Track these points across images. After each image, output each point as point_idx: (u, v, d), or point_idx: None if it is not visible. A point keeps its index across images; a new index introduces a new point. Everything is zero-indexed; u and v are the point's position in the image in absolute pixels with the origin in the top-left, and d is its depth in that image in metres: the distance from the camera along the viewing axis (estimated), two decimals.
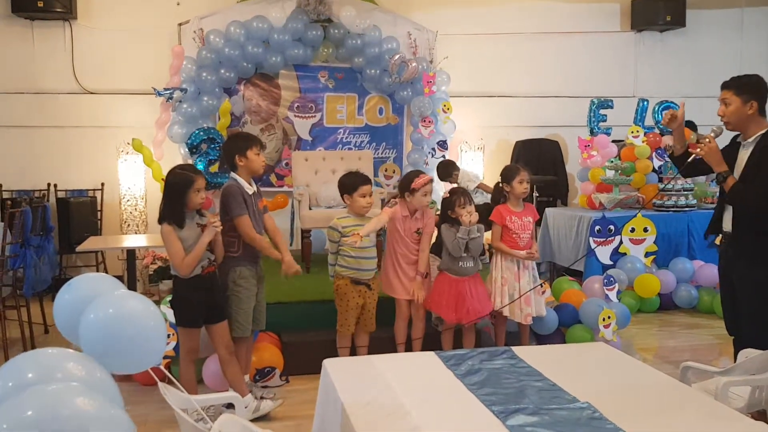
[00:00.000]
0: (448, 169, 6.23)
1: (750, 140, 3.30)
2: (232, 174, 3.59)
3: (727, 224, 3.41)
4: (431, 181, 4.12)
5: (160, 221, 3.31)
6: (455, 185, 5.69)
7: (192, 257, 3.28)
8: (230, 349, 3.47)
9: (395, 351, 4.13)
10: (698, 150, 3.29)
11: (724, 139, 3.42)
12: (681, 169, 3.53)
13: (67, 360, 1.53)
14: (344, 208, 4.32)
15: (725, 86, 3.34)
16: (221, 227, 3.37)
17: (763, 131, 3.27)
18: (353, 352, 4.09)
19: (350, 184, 3.97)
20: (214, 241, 3.38)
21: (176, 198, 3.28)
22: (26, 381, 1.44)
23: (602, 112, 6.75)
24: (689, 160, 3.40)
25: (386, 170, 7.18)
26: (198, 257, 3.30)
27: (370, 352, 4.00)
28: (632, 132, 6.65)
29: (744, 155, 3.33)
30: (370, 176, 6.18)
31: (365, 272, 3.99)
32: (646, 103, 6.89)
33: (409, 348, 4.19)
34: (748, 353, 2.92)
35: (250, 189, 3.60)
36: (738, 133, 3.42)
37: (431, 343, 4.10)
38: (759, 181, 3.20)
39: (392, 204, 4.13)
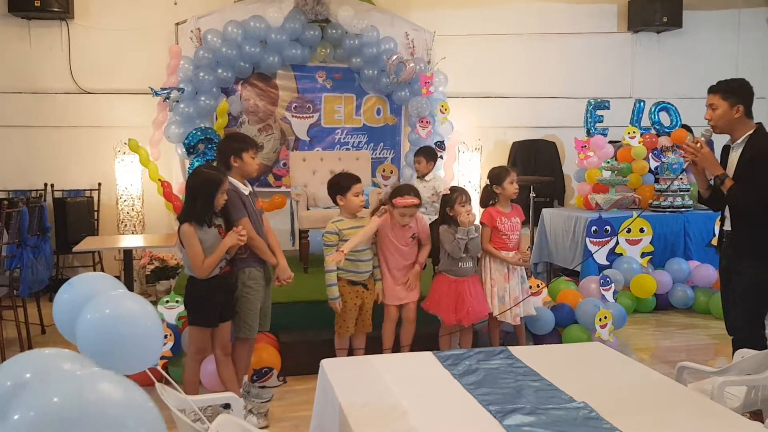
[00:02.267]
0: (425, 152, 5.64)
1: (738, 142, 3.36)
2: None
3: (727, 223, 3.45)
4: (416, 205, 3.97)
5: (182, 220, 3.29)
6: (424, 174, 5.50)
7: (211, 260, 3.28)
8: (227, 350, 3.47)
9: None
10: (691, 156, 3.34)
11: (717, 144, 3.45)
12: (711, 204, 3.55)
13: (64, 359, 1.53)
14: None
15: (712, 90, 3.40)
16: (245, 240, 3.38)
17: (750, 132, 3.32)
18: (350, 353, 4.09)
19: (344, 184, 3.94)
20: None
21: (205, 198, 3.27)
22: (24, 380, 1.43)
23: (599, 112, 6.76)
24: (684, 166, 3.44)
25: (384, 171, 7.19)
26: (218, 261, 3.31)
27: (366, 353, 4.00)
28: (629, 133, 6.67)
29: (734, 157, 3.38)
30: (368, 177, 6.23)
31: (362, 274, 4.00)
32: (642, 103, 6.90)
33: (397, 351, 4.16)
34: (744, 353, 2.93)
35: (246, 189, 3.58)
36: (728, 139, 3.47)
37: (429, 343, 4.10)
38: (754, 181, 3.24)
39: (381, 213, 4.04)
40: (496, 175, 4.30)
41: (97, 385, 1.28)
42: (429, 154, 5.57)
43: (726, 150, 3.49)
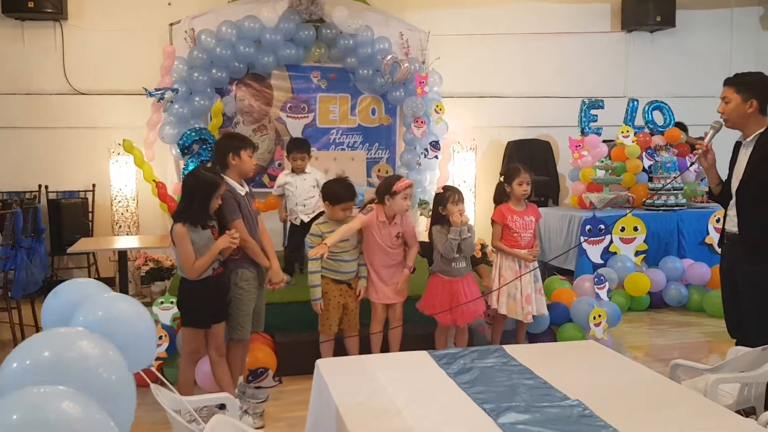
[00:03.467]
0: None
1: (749, 139, 3.27)
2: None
3: (731, 225, 3.36)
4: (412, 185, 4.05)
5: (176, 220, 3.30)
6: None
7: (202, 262, 3.28)
8: (221, 351, 3.48)
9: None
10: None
11: (725, 139, 3.41)
12: (722, 200, 3.51)
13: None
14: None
15: (727, 83, 3.31)
16: (238, 243, 3.38)
17: (762, 130, 3.23)
18: (341, 346, 4.09)
19: (335, 196, 3.94)
20: None
21: (201, 200, 3.28)
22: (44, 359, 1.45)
23: (593, 112, 6.78)
24: (690, 164, 3.40)
25: (379, 171, 7.18)
26: (209, 262, 3.31)
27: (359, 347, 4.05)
28: (622, 132, 6.69)
29: (744, 155, 3.30)
30: (363, 177, 6.23)
31: (346, 273, 4.01)
32: (636, 103, 6.93)
33: (386, 350, 4.15)
34: (737, 350, 2.95)
35: (242, 190, 3.58)
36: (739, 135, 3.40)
37: (424, 343, 4.10)
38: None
39: (368, 210, 4.01)
40: (507, 174, 4.31)
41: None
42: (301, 148, 5.21)
43: (737, 146, 3.40)
